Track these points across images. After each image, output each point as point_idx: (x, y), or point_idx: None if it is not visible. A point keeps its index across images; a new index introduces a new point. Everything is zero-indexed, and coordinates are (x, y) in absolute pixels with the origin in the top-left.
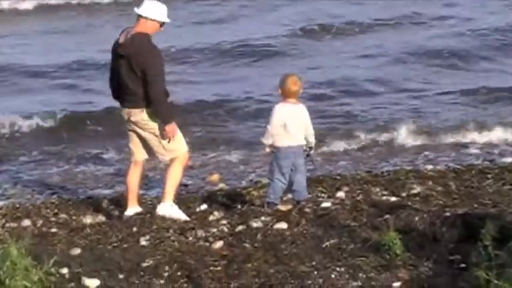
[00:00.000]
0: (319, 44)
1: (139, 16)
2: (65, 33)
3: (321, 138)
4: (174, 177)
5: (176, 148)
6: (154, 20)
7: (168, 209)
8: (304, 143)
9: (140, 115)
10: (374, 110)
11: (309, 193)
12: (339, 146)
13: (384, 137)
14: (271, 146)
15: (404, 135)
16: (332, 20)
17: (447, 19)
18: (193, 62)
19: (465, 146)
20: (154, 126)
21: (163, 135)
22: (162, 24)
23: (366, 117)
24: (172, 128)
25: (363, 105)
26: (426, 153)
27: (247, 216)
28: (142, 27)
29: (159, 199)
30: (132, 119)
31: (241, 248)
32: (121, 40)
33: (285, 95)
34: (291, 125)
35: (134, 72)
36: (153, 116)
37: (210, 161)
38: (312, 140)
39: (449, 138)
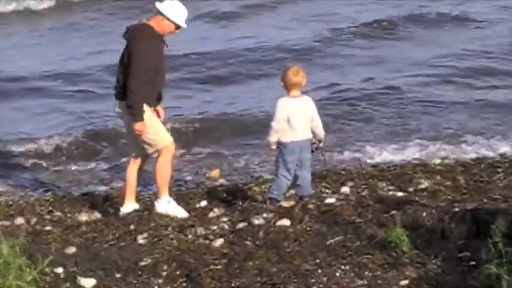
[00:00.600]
0: (334, 47)
1: (158, 12)
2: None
3: (326, 134)
4: (162, 172)
5: (157, 141)
6: (170, 20)
7: (165, 205)
8: (310, 136)
9: (119, 107)
10: (385, 111)
11: (313, 189)
12: (342, 140)
13: (391, 132)
14: (277, 142)
15: (411, 131)
16: (348, 22)
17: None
18: (197, 65)
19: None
20: (129, 119)
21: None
22: (178, 27)
23: (375, 117)
24: (140, 126)
25: (373, 107)
26: (434, 146)
27: (249, 213)
28: (156, 23)
29: (156, 195)
30: (116, 110)
31: (243, 246)
32: (129, 25)
33: (288, 88)
34: (295, 120)
35: (124, 59)
36: (125, 109)
37: (210, 156)
38: (320, 131)
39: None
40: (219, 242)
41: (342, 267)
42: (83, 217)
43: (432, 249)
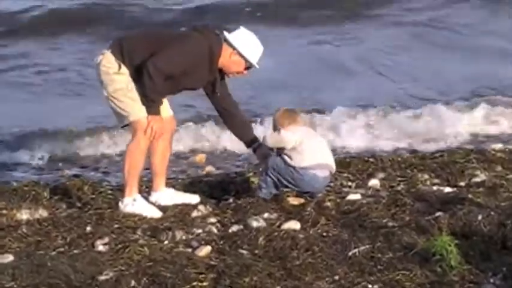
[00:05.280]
0: None
1: (227, 43)
2: None
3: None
4: (131, 161)
5: (127, 111)
6: (243, 56)
7: (129, 206)
8: (334, 169)
9: None
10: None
11: (331, 181)
12: (374, 117)
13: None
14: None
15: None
16: None
17: None
18: None
19: None
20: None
21: None
22: (248, 67)
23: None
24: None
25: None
26: (492, 127)
27: (245, 212)
28: (223, 55)
29: (121, 191)
30: None
31: (236, 256)
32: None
33: (287, 124)
34: (312, 143)
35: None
36: None
37: (196, 138)
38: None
39: None
40: (205, 250)
41: (369, 286)
42: (24, 215)
43: (490, 263)
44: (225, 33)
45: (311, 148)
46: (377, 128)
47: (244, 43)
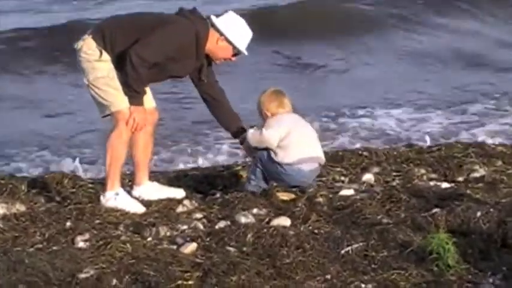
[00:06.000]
0: None
1: (214, 28)
2: None
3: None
4: (112, 154)
5: (110, 103)
6: (230, 42)
7: (111, 201)
8: (323, 161)
9: None
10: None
11: (324, 175)
12: (369, 110)
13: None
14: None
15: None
16: None
17: None
18: None
19: None
20: None
21: None
22: (236, 54)
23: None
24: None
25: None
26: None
27: (233, 207)
28: (210, 40)
29: (103, 186)
30: None
31: (223, 254)
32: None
33: (275, 110)
34: (300, 134)
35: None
36: None
37: (182, 131)
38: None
39: None
40: (190, 247)
41: (363, 285)
42: (0, 209)
43: (489, 262)
44: (213, 17)
45: (297, 141)
46: None
47: (233, 28)
